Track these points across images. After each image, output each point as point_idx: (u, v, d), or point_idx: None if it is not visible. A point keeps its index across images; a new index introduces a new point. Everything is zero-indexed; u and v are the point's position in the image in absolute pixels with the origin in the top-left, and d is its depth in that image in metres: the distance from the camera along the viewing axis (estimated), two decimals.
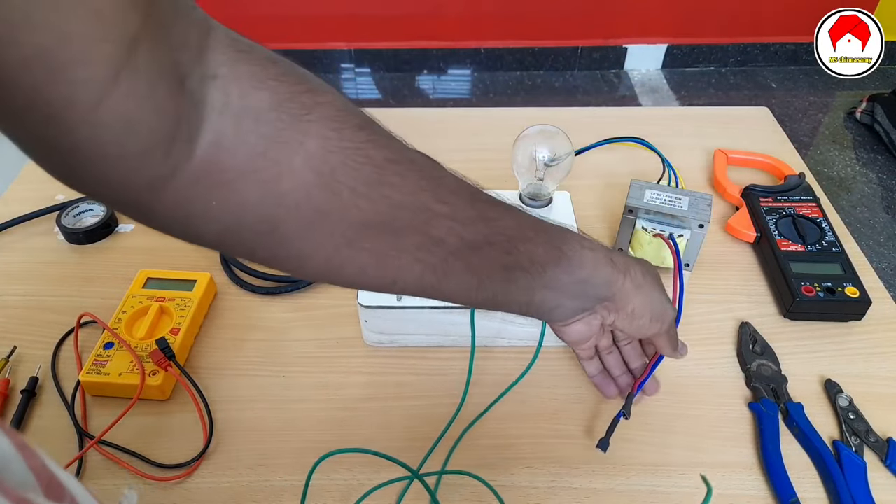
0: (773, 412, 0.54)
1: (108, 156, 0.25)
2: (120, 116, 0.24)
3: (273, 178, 0.29)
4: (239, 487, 0.50)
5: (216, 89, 0.28)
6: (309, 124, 0.30)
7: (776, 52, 2.60)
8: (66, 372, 0.57)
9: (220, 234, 0.31)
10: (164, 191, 0.28)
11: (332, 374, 0.58)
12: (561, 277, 0.39)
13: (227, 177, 0.29)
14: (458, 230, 0.35)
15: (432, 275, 0.36)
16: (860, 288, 0.61)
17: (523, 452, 0.52)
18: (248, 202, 0.30)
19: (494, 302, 0.39)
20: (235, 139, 0.28)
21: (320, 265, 0.34)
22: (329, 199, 0.31)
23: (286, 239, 0.32)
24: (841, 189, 2.04)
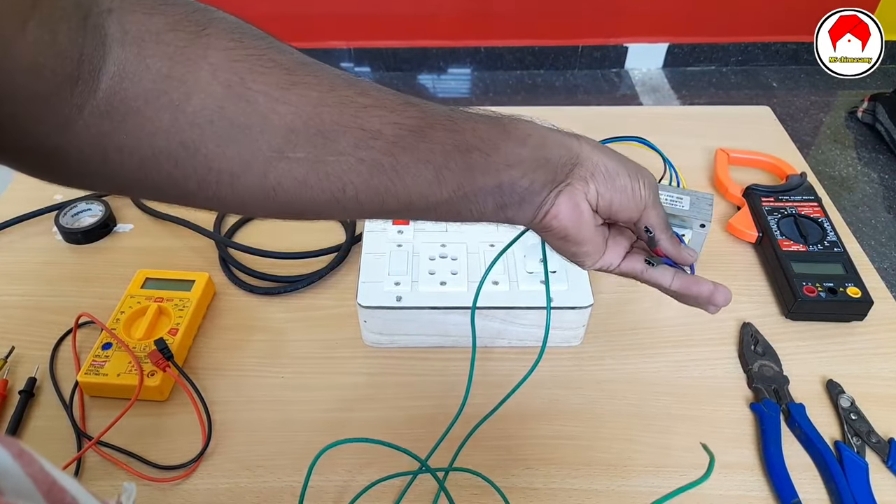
0: (774, 413, 0.54)
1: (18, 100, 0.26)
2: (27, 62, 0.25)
3: (181, 98, 0.29)
4: (237, 488, 0.49)
5: (113, 22, 0.28)
6: (208, 38, 0.30)
7: (777, 51, 2.59)
8: (65, 372, 0.57)
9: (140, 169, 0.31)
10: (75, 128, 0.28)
11: (332, 375, 0.57)
12: (517, 151, 0.36)
13: (135, 105, 0.29)
14: (393, 118, 0.33)
15: (382, 174, 0.34)
16: (862, 288, 0.61)
17: (523, 453, 0.52)
18: (160, 128, 0.30)
19: (463, 196, 0.36)
20: (138, 65, 0.28)
21: (255, 185, 0.33)
22: (244, 109, 0.30)
23: (209, 160, 0.31)
24: (842, 189, 2.04)
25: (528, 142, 0.37)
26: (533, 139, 0.37)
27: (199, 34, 0.30)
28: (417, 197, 0.36)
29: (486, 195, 0.37)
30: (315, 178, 0.33)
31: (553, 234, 0.40)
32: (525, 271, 0.58)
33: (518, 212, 0.38)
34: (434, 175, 0.35)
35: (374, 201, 0.35)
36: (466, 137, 0.35)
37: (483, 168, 0.36)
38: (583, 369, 0.58)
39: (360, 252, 0.60)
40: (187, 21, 0.30)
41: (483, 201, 0.37)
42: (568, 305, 0.56)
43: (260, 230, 0.72)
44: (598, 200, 0.39)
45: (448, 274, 0.58)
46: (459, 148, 0.35)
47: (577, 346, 0.60)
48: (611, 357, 0.59)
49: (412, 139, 0.34)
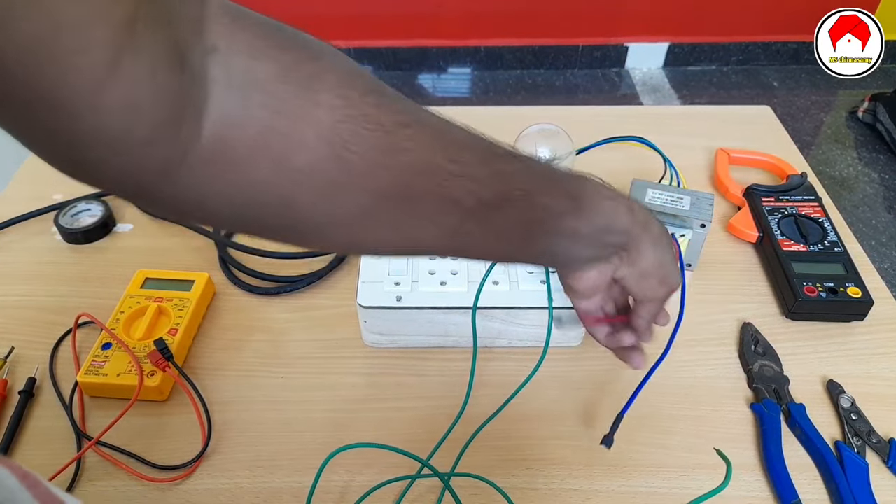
0: (774, 413, 0.54)
1: (116, 143, 0.24)
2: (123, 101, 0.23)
3: (285, 153, 0.28)
4: (237, 489, 0.49)
5: (217, 64, 0.26)
6: (316, 94, 0.29)
7: (778, 50, 2.59)
8: (64, 373, 0.57)
9: (234, 214, 0.31)
10: (176, 174, 0.27)
11: (332, 375, 0.57)
12: (579, 227, 0.38)
13: (238, 154, 0.28)
14: (474, 189, 0.34)
15: (454, 238, 0.35)
16: (862, 288, 0.61)
17: (523, 453, 0.52)
18: (260, 180, 0.29)
19: (512, 258, 0.40)
20: (243, 114, 0.27)
21: (340, 238, 0.34)
22: (343, 170, 0.30)
23: (302, 214, 0.31)
24: (843, 189, 2.04)
25: (593, 222, 0.39)
26: (599, 220, 0.39)
27: (307, 87, 0.28)
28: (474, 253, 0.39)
29: (537, 257, 0.40)
30: (395, 237, 0.34)
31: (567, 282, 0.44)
32: (525, 271, 0.58)
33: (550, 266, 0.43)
34: (497, 243, 0.37)
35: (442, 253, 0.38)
36: (537, 214, 0.37)
37: (541, 239, 0.38)
38: (583, 370, 0.58)
39: None
40: (297, 72, 0.29)
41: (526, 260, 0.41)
42: (568, 305, 0.56)
43: None
44: (620, 279, 0.43)
45: (448, 274, 0.58)
46: (529, 223, 0.37)
47: (577, 347, 0.60)
48: (611, 357, 0.59)
49: (488, 212, 0.35)
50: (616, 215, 0.39)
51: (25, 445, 0.52)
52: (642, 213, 0.41)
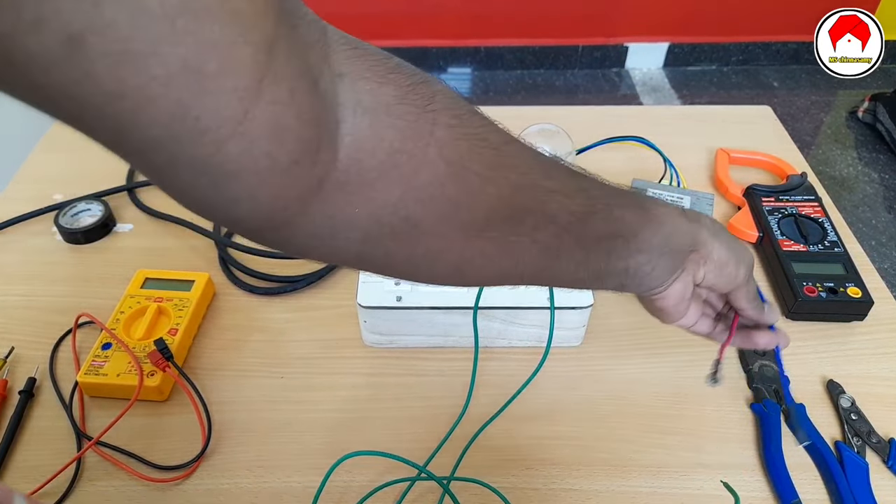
0: (774, 413, 0.54)
1: (260, 170, 0.24)
2: (268, 125, 0.23)
3: (412, 172, 0.29)
4: (237, 489, 0.49)
5: (346, 88, 0.27)
6: (434, 114, 0.30)
7: (778, 50, 2.59)
8: (64, 372, 0.57)
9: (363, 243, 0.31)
10: (314, 201, 0.27)
11: (332, 376, 0.57)
12: (650, 238, 0.39)
13: (371, 177, 0.28)
14: (567, 204, 0.35)
15: (548, 255, 0.36)
16: (862, 288, 0.61)
17: (523, 454, 0.52)
18: (389, 201, 0.29)
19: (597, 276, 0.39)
20: (373, 136, 0.28)
21: (453, 261, 0.34)
22: (460, 187, 0.31)
23: (423, 237, 0.32)
24: (843, 189, 2.04)
25: (661, 230, 0.39)
26: (665, 228, 0.40)
27: (425, 108, 0.30)
28: (564, 276, 0.38)
29: (615, 276, 0.39)
30: (498, 256, 0.35)
31: (654, 306, 0.44)
32: None
33: (634, 288, 0.41)
34: (584, 258, 0.37)
35: (532, 277, 0.37)
36: (617, 226, 0.38)
37: (620, 253, 0.38)
38: (583, 369, 0.58)
39: None
40: (414, 94, 0.29)
41: (610, 281, 0.40)
42: (568, 305, 0.56)
43: None
44: (703, 281, 0.43)
45: None
46: (609, 236, 0.37)
47: (577, 346, 0.60)
48: (611, 357, 0.59)
49: (578, 226, 0.36)
50: (676, 221, 0.41)
51: (25, 445, 0.52)
52: (691, 213, 0.43)
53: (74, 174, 0.78)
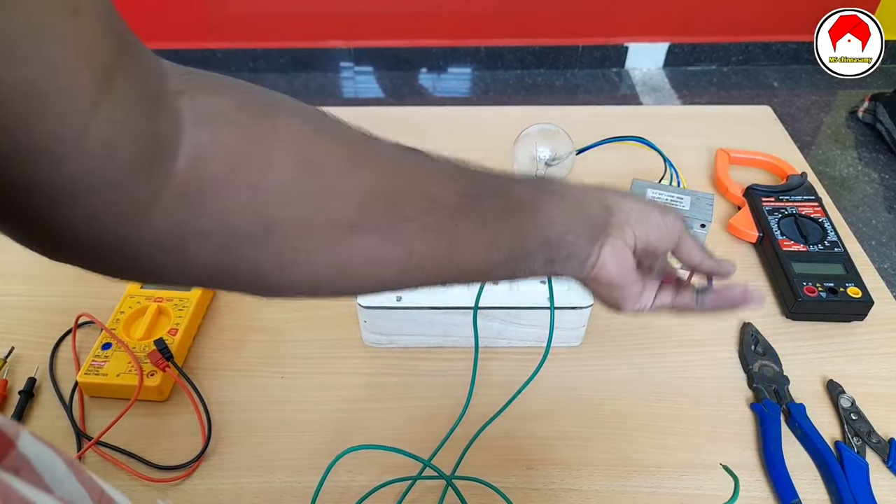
0: (774, 413, 0.54)
1: (94, 188, 0.25)
2: (101, 144, 0.24)
3: (257, 175, 0.29)
4: (237, 489, 0.49)
5: (186, 103, 0.28)
6: (276, 116, 0.30)
7: (778, 50, 2.59)
8: (64, 372, 0.57)
9: (218, 253, 0.30)
10: (152, 215, 0.27)
11: (332, 376, 0.57)
12: (558, 209, 0.39)
13: (212, 185, 0.28)
14: (451, 185, 0.35)
15: (445, 240, 0.35)
16: (862, 288, 0.61)
17: (523, 453, 0.52)
18: (238, 208, 0.29)
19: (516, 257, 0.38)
20: (213, 143, 0.28)
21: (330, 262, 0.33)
22: (318, 183, 0.31)
23: (288, 239, 0.31)
24: (843, 189, 2.04)
25: (565, 199, 0.39)
26: (567, 199, 0.40)
27: (266, 113, 0.30)
28: (477, 262, 0.37)
29: (536, 253, 0.39)
30: (385, 248, 0.34)
31: (600, 283, 0.42)
32: None
33: (565, 266, 0.40)
34: (490, 239, 0.36)
35: (437, 268, 0.36)
36: (515, 200, 0.37)
37: (531, 227, 0.38)
38: (583, 369, 0.58)
39: None
40: (253, 101, 0.30)
41: (534, 259, 0.39)
42: (568, 306, 0.56)
43: None
44: (636, 242, 0.42)
45: None
46: (510, 211, 0.37)
47: (577, 346, 0.60)
48: (611, 357, 0.59)
49: (469, 205, 0.35)
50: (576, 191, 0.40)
51: None
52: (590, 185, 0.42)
53: None
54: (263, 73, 2.51)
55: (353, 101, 2.50)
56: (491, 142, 0.81)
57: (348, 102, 2.48)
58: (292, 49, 2.47)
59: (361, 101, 2.51)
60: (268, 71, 2.52)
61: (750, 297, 0.45)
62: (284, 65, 2.51)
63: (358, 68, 2.56)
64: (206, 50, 2.44)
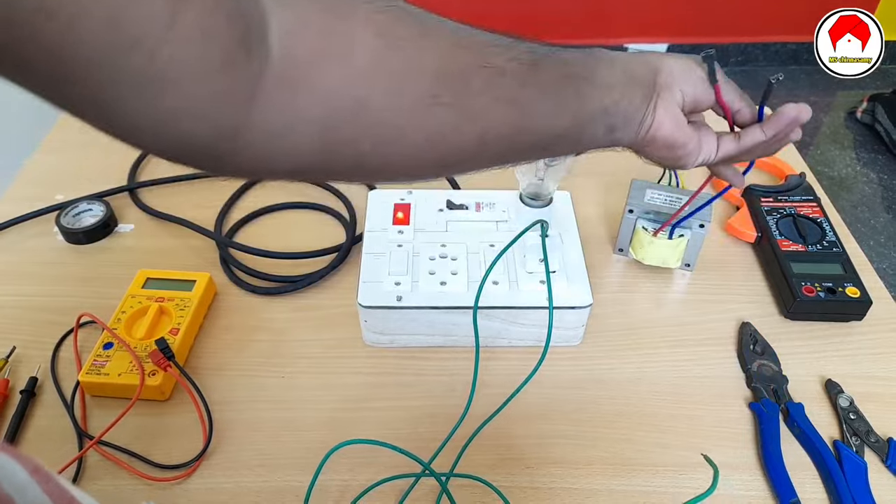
0: (773, 412, 0.54)
1: (195, 74, 0.24)
2: (197, 28, 0.24)
3: (346, 53, 0.30)
4: (239, 488, 0.50)
5: None
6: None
7: (777, 51, 2.59)
8: (66, 372, 0.57)
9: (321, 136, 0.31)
10: (258, 99, 0.27)
11: (333, 375, 0.58)
12: (609, 74, 0.40)
13: (307, 67, 0.29)
14: (511, 54, 0.36)
15: (515, 109, 0.36)
16: (861, 288, 0.61)
17: (523, 453, 0.52)
18: (334, 85, 0.30)
19: (579, 123, 0.39)
20: (300, 24, 0.28)
21: (420, 134, 0.34)
22: (399, 57, 0.32)
23: (380, 114, 0.32)
24: (842, 189, 2.04)
25: (615, 64, 0.41)
26: (617, 63, 0.41)
27: None
28: (544, 129, 0.39)
29: (597, 119, 0.40)
30: (464, 122, 0.35)
31: (659, 144, 0.44)
32: (525, 271, 0.58)
33: (625, 132, 0.42)
34: (555, 105, 0.38)
35: (511, 139, 0.38)
36: (572, 68, 0.39)
37: (590, 94, 0.39)
38: (583, 369, 0.58)
39: (361, 252, 0.61)
40: None
41: (596, 126, 0.40)
42: (567, 305, 0.56)
43: (261, 230, 0.72)
44: (684, 98, 0.43)
45: (448, 274, 0.58)
46: (568, 77, 0.38)
47: (576, 346, 0.60)
48: (610, 357, 0.59)
49: (532, 73, 0.36)
50: (623, 57, 0.42)
51: (27, 445, 0.52)
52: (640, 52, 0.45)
53: (76, 174, 0.78)
54: None
55: None
56: None
57: None
58: None
59: None
60: None
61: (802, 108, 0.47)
62: None
63: None
64: None
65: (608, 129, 0.41)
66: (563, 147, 0.41)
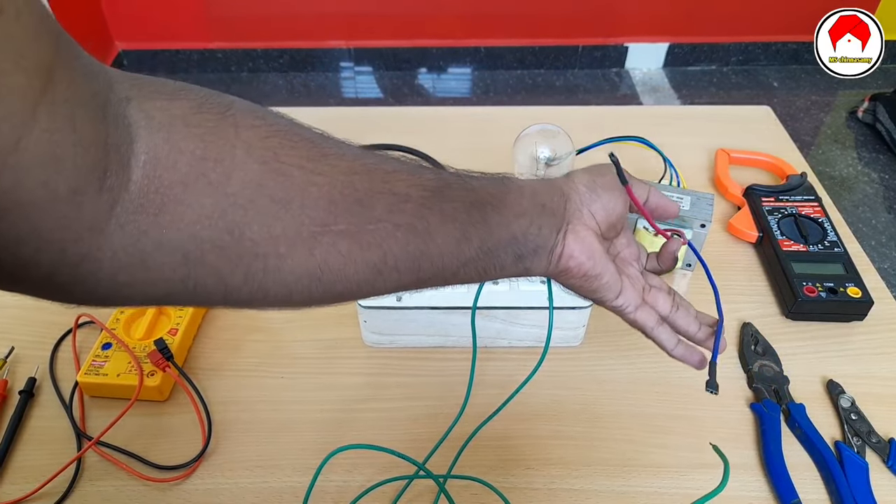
0: (774, 413, 0.54)
1: (37, 202, 0.23)
2: (42, 155, 0.22)
3: (221, 179, 0.28)
4: (237, 489, 0.49)
5: (134, 109, 0.26)
6: (234, 117, 0.29)
7: (778, 51, 2.59)
8: (65, 373, 0.57)
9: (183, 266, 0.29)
10: (110, 228, 0.25)
11: (332, 376, 0.57)
12: (519, 201, 0.39)
13: (173, 193, 0.27)
14: (415, 180, 0.35)
15: (417, 237, 0.34)
16: (862, 288, 0.61)
17: (523, 453, 0.52)
18: (202, 215, 0.28)
19: (486, 252, 0.38)
20: (172, 149, 0.27)
21: (301, 267, 0.31)
22: (283, 184, 0.30)
23: (255, 244, 0.30)
24: (843, 189, 2.04)
25: (524, 192, 0.39)
26: (527, 189, 0.39)
27: (224, 115, 0.29)
28: (449, 258, 0.36)
29: (505, 248, 0.38)
30: (357, 250, 0.33)
31: (572, 273, 0.41)
32: None
33: (534, 261, 0.40)
34: (461, 233, 0.36)
35: (412, 268, 0.35)
36: (479, 195, 0.37)
37: (497, 222, 0.38)
38: (583, 369, 0.58)
39: None
40: (209, 104, 0.29)
41: (504, 255, 0.38)
42: (568, 305, 0.56)
43: None
44: (597, 221, 0.41)
45: None
46: (475, 205, 0.37)
47: (577, 346, 0.60)
48: (611, 357, 0.59)
49: (437, 200, 0.35)
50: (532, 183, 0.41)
51: (25, 445, 0.52)
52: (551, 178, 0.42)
53: None
54: (263, 73, 2.51)
55: (353, 101, 2.50)
56: (491, 142, 0.81)
57: (348, 102, 2.48)
58: (292, 49, 2.47)
59: (361, 101, 2.51)
60: (268, 71, 2.52)
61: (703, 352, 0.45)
62: (284, 65, 2.51)
63: (358, 68, 2.56)
64: (205, 50, 2.44)
65: (516, 257, 0.39)
66: (469, 275, 0.39)
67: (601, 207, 0.41)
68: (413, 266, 0.35)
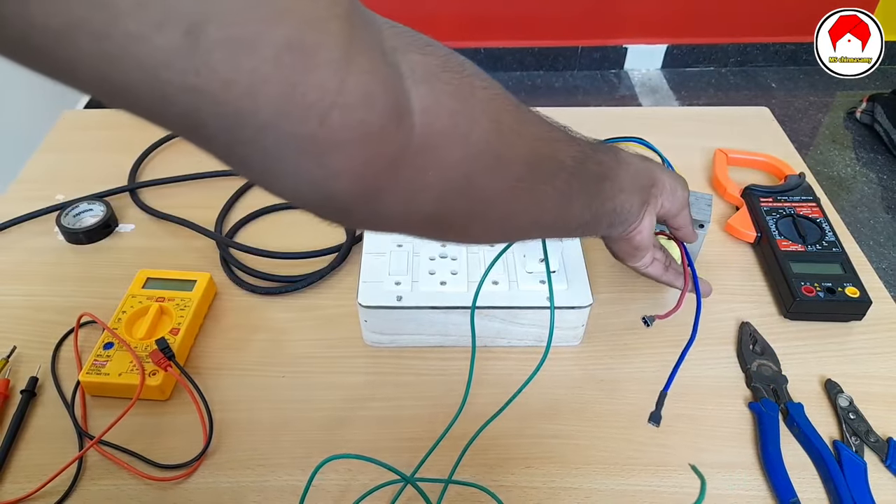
0: (773, 412, 0.54)
1: (357, 138, 0.25)
2: (360, 94, 0.24)
3: (466, 132, 0.31)
4: (239, 487, 0.50)
5: (401, 59, 0.28)
6: (470, 78, 0.32)
7: (776, 52, 2.60)
8: (66, 372, 0.57)
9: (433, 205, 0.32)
10: (402, 166, 0.28)
11: (333, 375, 0.58)
12: (624, 177, 0.44)
13: (439, 139, 0.29)
14: (568, 150, 0.39)
15: (564, 199, 0.39)
16: (860, 288, 0.61)
17: (523, 452, 0.52)
18: (452, 163, 0.31)
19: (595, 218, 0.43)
20: (435, 101, 0.29)
21: (500, 213, 0.36)
22: (500, 142, 0.33)
23: (478, 192, 0.33)
24: (841, 189, 2.04)
25: (629, 170, 0.45)
26: (632, 168, 0.45)
27: (462, 74, 0.31)
28: (574, 219, 0.42)
29: (606, 216, 0.44)
30: (531, 205, 0.38)
31: (633, 243, 0.49)
32: (525, 271, 0.58)
33: (617, 228, 0.47)
34: (587, 200, 0.41)
35: (550, 225, 0.41)
36: (603, 169, 0.42)
37: (608, 194, 0.43)
38: (583, 369, 0.58)
39: (361, 252, 0.61)
40: (450, 62, 0.31)
41: (604, 222, 0.45)
42: (568, 305, 0.56)
43: (261, 230, 0.72)
44: (663, 209, 0.49)
45: (448, 274, 0.58)
46: (600, 178, 0.42)
47: (577, 346, 0.60)
48: (610, 357, 0.59)
49: (580, 170, 0.40)
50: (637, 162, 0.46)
51: (27, 445, 0.52)
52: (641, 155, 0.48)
53: (76, 174, 0.78)
54: None
55: None
56: None
57: None
58: None
59: None
60: None
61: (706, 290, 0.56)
62: None
63: None
64: None
65: (608, 225, 0.45)
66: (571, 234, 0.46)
67: (670, 203, 0.49)
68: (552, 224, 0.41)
